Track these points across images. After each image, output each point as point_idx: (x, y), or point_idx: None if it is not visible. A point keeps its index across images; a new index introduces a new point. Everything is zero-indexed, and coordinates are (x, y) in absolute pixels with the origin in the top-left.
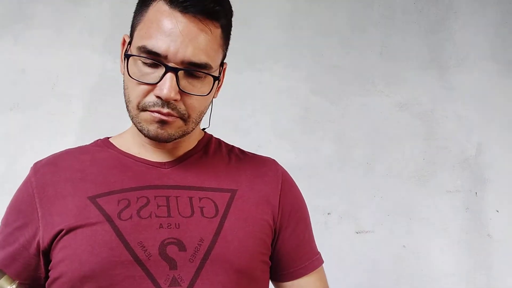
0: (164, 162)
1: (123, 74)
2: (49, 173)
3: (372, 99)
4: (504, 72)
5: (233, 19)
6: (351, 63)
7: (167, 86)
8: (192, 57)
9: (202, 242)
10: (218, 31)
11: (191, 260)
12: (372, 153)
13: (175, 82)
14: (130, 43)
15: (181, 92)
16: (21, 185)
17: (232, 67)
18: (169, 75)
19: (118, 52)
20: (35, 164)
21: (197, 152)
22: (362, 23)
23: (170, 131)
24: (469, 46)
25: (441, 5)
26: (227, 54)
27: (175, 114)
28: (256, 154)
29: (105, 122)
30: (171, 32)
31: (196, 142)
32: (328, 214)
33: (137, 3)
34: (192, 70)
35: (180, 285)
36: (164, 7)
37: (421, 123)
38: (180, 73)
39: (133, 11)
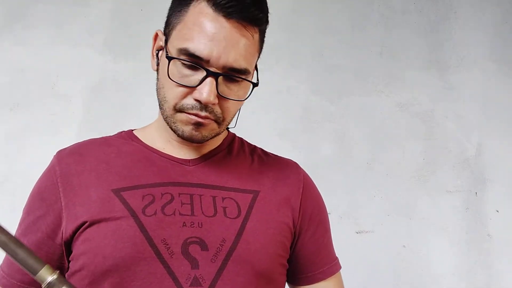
0: (189, 160)
1: (157, 72)
2: (73, 163)
3: (372, 99)
4: (504, 72)
5: None
6: (351, 63)
7: (207, 90)
8: (233, 62)
9: (224, 243)
10: (257, 36)
11: (213, 260)
12: (372, 153)
13: (215, 87)
14: (166, 41)
15: (219, 96)
16: (44, 173)
17: None
18: (210, 79)
19: (118, 51)
20: (59, 152)
21: (221, 151)
22: (362, 23)
23: (205, 133)
24: (469, 46)
25: (441, 5)
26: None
27: (212, 117)
28: (278, 156)
29: (105, 122)
30: (214, 36)
31: (221, 141)
32: (328, 214)
33: (173, 2)
34: (232, 75)
35: (201, 285)
36: (207, 10)
37: (421, 123)
38: (220, 78)
39: (133, 10)
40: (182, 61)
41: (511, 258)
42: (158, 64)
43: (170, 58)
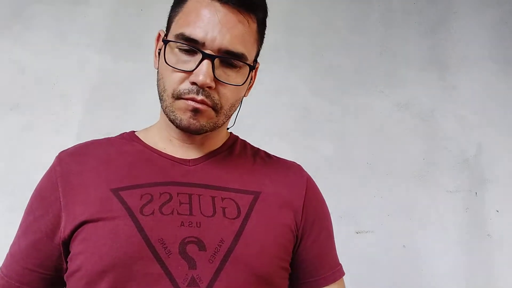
0: (189, 159)
1: (157, 68)
2: (74, 163)
3: (372, 99)
4: (504, 72)
5: None
6: (351, 63)
7: (203, 72)
8: (229, 45)
9: (223, 243)
10: (254, 25)
11: (211, 261)
12: (372, 153)
13: (211, 69)
14: (166, 35)
15: (216, 80)
16: (45, 174)
17: None
18: (206, 62)
19: (118, 51)
20: (60, 153)
21: (223, 151)
22: (362, 23)
23: (202, 121)
24: (469, 46)
25: (441, 5)
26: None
27: (209, 103)
28: (281, 158)
29: (105, 122)
30: (210, 20)
31: (222, 142)
32: None
33: (173, 3)
34: (229, 58)
35: (199, 286)
36: None
37: (421, 123)
38: (216, 61)
39: (133, 10)
40: (179, 48)
41: (511, 258)
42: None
43: (166, 42)
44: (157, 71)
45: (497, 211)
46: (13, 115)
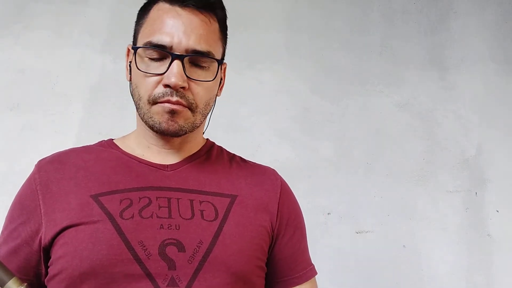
0: (167, 165)
1: (129, 80)
2: (53, 170)
3: (372, 99)
4: (504, 72)
5: (234, 19)
6: (351, 63)
7: (174, 73)
8: (195, 45)
9: (201, 244)
10: (216, 25)
11: (190, 261)
12: (372, 153)
13: (182, 69)
14: (134, 48)
15: (188, 79)
16: (25, 182)
17: (232, 67)
18: (176, 62)
19: (118, 51)
20: (39, 161)
21: (200, 156)
22: (362, 24)
23: (180, 122)
24: (469, 46)
25: (441, 5)
26: (226, 54)
27: (184, 103)
28: (256, 163)
29: (105, 122)
30: (174, 24)
31: (199, 148)
32: (328, 214)
33: (137, 14)
34: (197, 55)
35: (178, 286)
36: (164, 6)
37: (421, 123)
38: (186, 61)
39: (133, 10)
40: (148, 57)
41: (511, 258)
42: (131, 74)
43: (135, 48)
44: (130, 83)
45: (497, 211)
46: (13, 115)
